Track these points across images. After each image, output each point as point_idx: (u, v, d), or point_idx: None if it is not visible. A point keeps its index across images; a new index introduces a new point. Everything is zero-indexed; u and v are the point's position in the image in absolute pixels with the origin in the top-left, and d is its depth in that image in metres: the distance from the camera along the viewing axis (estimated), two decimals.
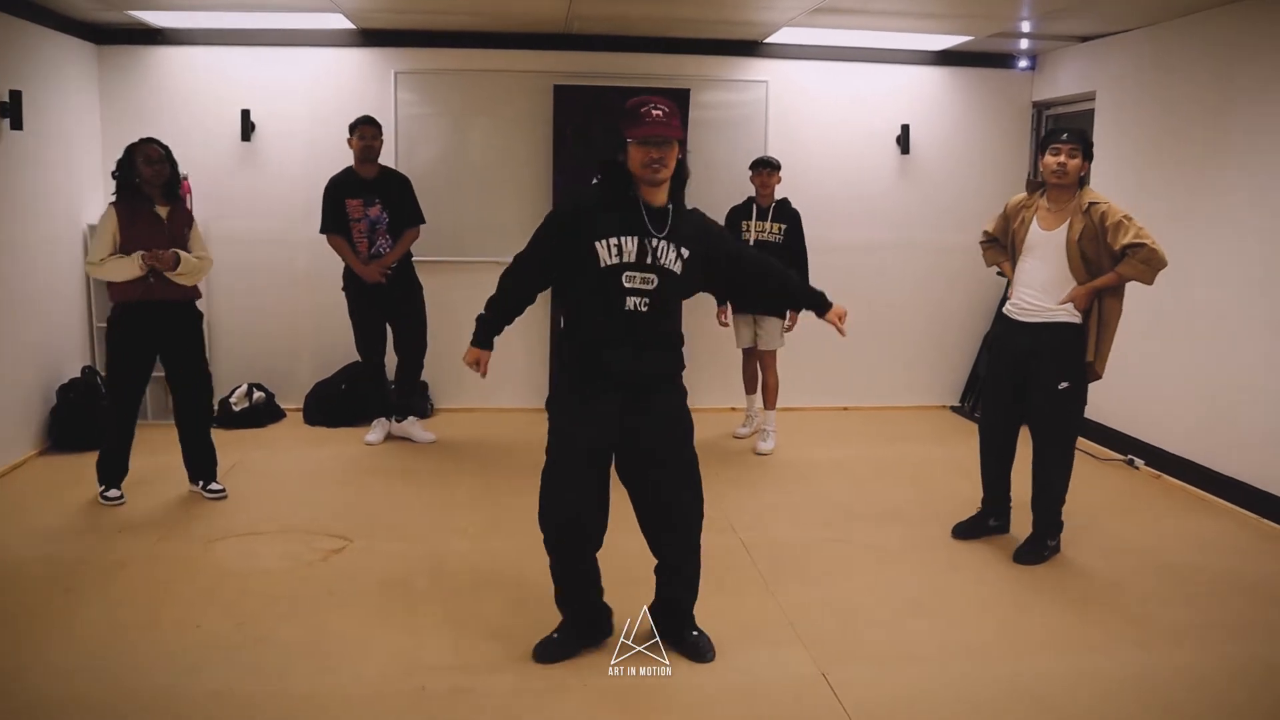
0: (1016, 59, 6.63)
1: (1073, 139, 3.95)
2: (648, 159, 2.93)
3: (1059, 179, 3.96)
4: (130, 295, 4.44)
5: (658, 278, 3.02)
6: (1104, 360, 4.02)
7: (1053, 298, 3.99)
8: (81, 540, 4.22)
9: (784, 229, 5.59)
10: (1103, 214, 3.89)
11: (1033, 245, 4.05)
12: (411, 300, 5.71)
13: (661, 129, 2.91)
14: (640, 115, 2.93)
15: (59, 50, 5.64)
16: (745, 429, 5.99)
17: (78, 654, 3.23)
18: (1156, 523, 4.69)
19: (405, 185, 5.67)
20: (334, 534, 4.32)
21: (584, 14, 5.66)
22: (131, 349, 4.51)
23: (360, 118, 5.52)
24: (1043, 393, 4.05)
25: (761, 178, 5.56)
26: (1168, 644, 3.44)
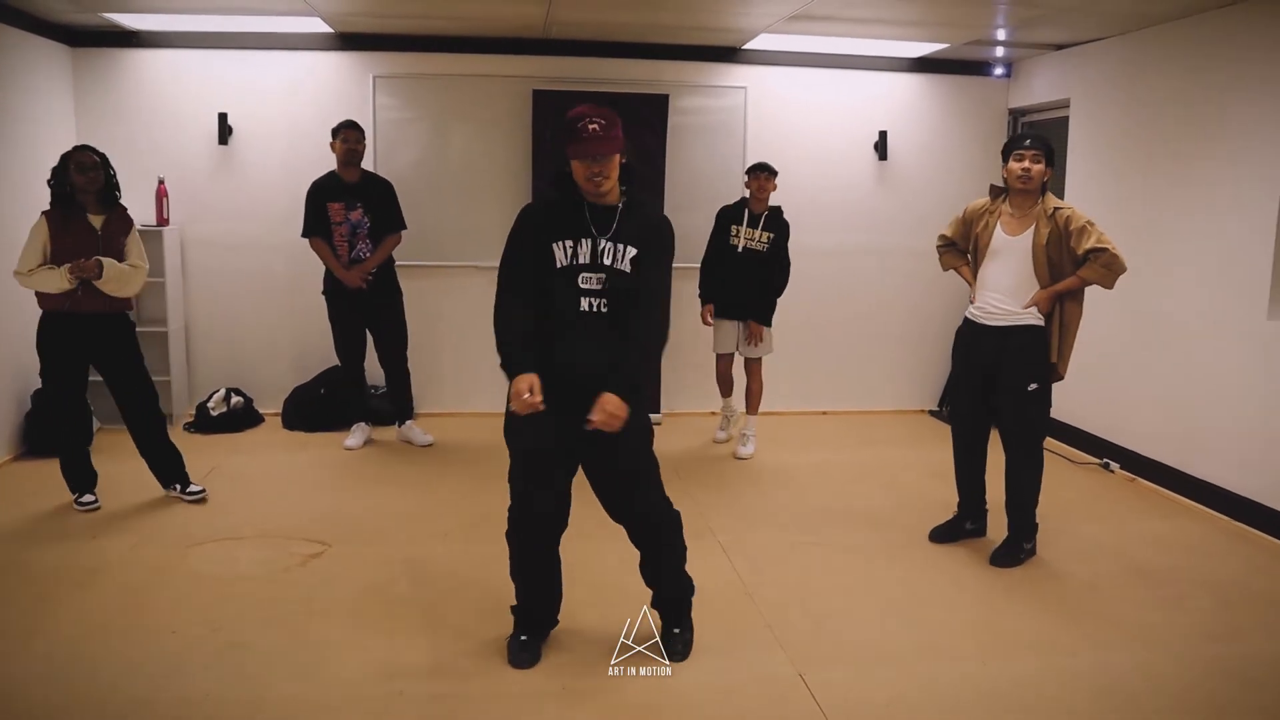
0: (992, 66, 6.69)
1: (1036, 145, 4.01)
2: (589, 173, 2.97)
3: (1024, 184, 4.01)
4: (55, 305, 4.38)
5: (609, 279, 3.05)
6: (1066, 361, 4.10)
7: (1018, 301, 4.05)
8: (56, 546, 4.19)
9: (772, 239, 5.55)
10: (1067, 219, 3.96)
11: (997, 250, 4.10)
12: (392, 306, 5.71)
13: (598, 145, 2.94)
14: (578, 130, 2.94)
15: (32, 52, 5.60)
16: (724, 433, 5.98)
17: (50, 661, 3.20)
18: (1130, 525, 4.74)
19: (388, 190, 5.66)
20: (312, 539, 4.30)
21: (563, 19, 5.67)
22: (59, 359, 4.45)
23: (343, 121, 5.52)
24: (1010, 395, 4.10)
25: (759, 182, 5.51)
26: (1138, 645, 3.48)
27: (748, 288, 5.57)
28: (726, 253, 5.56)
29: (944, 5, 5.22)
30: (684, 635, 3.36)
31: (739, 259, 5.54)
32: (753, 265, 5.54)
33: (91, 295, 4.39)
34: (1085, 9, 5.03)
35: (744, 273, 5.54)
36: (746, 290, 5.57)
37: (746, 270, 5.54)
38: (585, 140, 2.93)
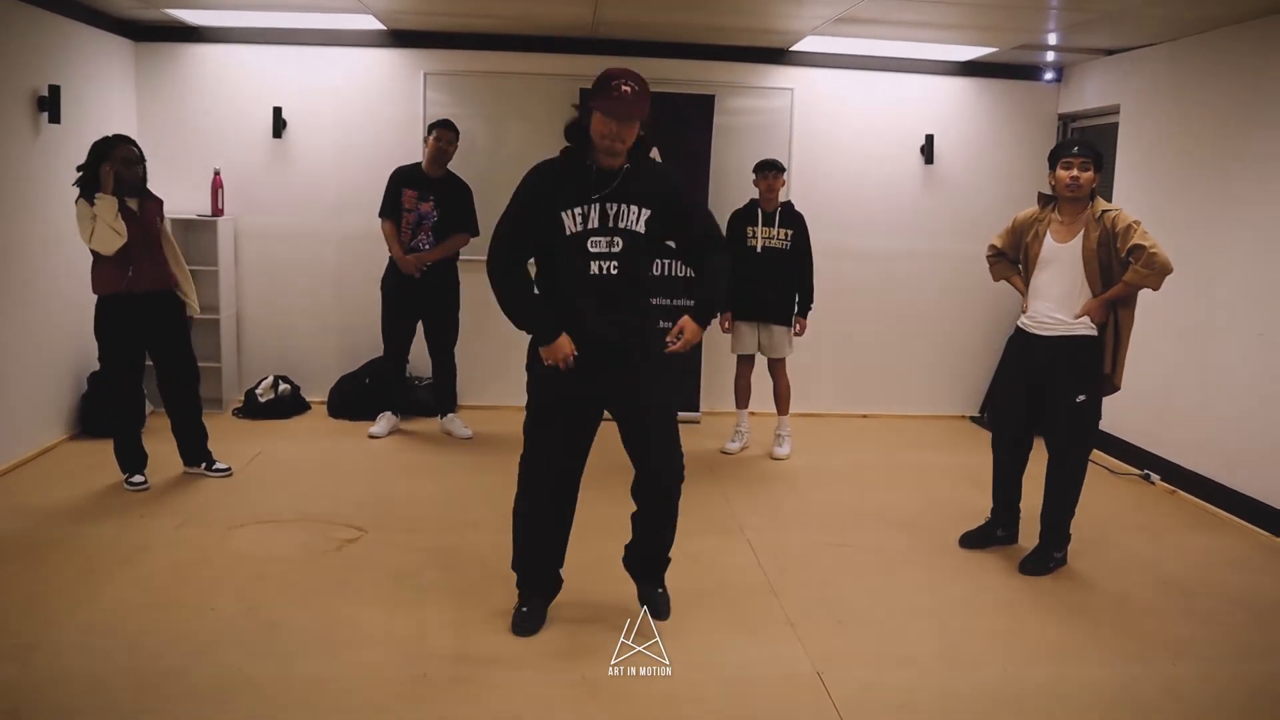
0: (1042, 71, 6.63)
1: (1084, 152, 3.96)
2: (608, 130, 3.01)
3: (1073, 192, 3.97)
4: (112, 288, 4.55)
5: (623, 240, 3.12)
6: (1121, 372, 4.04)
7: (1069, 311, 4.01)
8: (105, 523, 4.34)
9: (791, 235, 5.55)
10: (1114, 219, 3.92)
11: (1048, 259, 4.06)
12: (447, 301, 5.81)
13: (626, 106, 2.97)
14: (610, 89, 2.98)
15: (97, 46, 5.80)
16: (735, 444, 5.85)
17: (93, 633, 3.33)
18: (1167, 538, 4.68)
19: (464, 192, 5.78)
20: (350, 524, 4.41)
21: (610, 19, 5.74)
22: (118, 341, 4.63)
23: (439, 120, 5.66)
24: (1061, 406, 4.05)
25: (767, 181, 5.50)
26: (1163, 658, 3.44)
27: (770, 288, 5.57)
28: (744, 255, 5.53)
29: (992, 10, 5.19)
30: (666, 594, 3.45)
31: (759, 260, 5.53)
32: (775, 264, 5.54)
33: (144, 275, 4.57)
34: (1136, 14, 4.98)
35: (766, 273, 5.54)
36: (769, 291, 5.57)
37: (769, 270, 5.53)
38: (615, 99, 2.98)
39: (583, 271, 3.12)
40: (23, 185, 5.08)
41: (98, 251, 4.48)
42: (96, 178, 4.47)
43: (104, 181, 4.45)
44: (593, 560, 3.77)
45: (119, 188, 4.50)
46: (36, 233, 5.20)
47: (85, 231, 4.46)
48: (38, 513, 4.45)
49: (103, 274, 4.55)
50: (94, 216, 4.43)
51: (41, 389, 5.32)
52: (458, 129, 5.70)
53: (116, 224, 4.44)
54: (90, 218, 4.44)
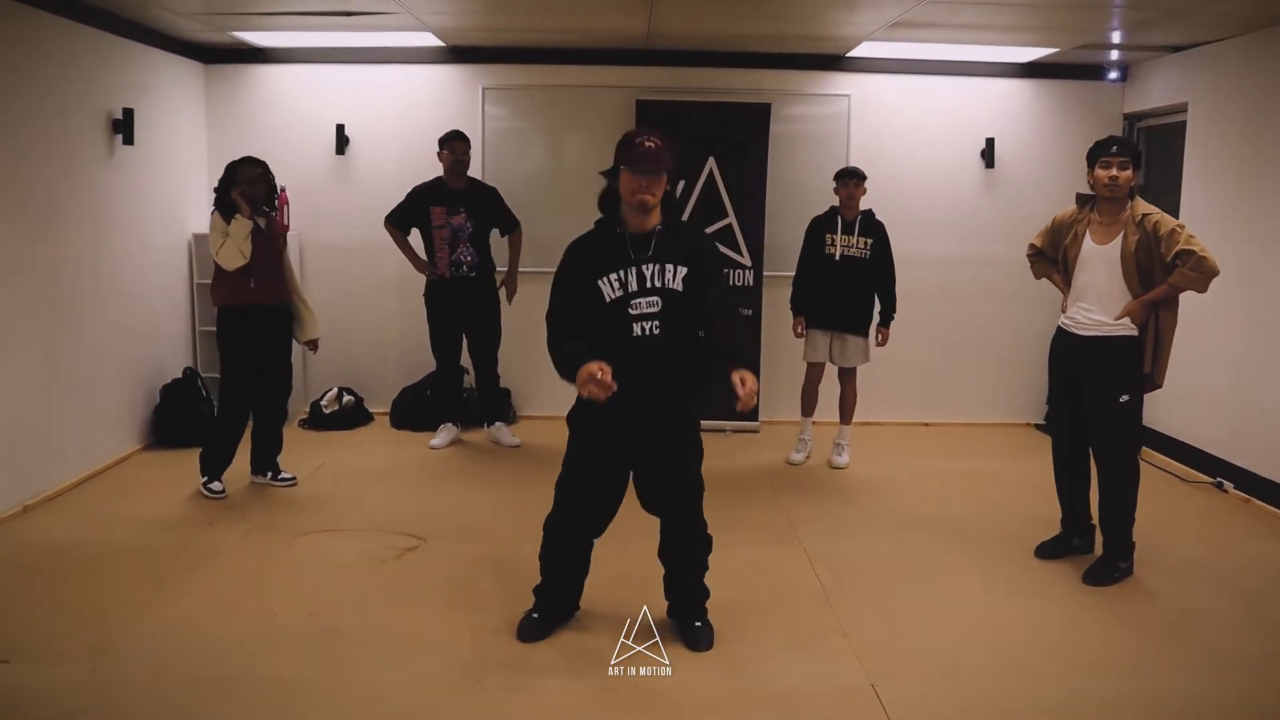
0: (1106, 70, 6.49)
1: (1123, 151, 3.91)
2: (637, 185, 3.11)
3: (1112, 192, 3.92)
4: (234, 299, 4.77)
5: (662, 300, 3.18)
6: (1163, 371, 3.98)
7: (1109, 312, 3.96)
8: (175, 531, 4.47)
9: (871, 244, 5.49)
10: (1155, 224, 3.85)
11: (1087, 259, 4.01)
12: (488, 310, 5.89)
13: (651, 159, 3.10)
14: (634, 145, 3.12)
15: (169, 69, 6.00)
16: (800, 454, 5.79)
17: (158, 637, 3.44)
18: (1239, 548, 4.54)
19: (493, 196, 5.87)
20: (410, 533, 4.48)
21: (665, 30, 5.76)
22: (241, 350, 4.83)
23: (450, 133, 5.74)
24: (1100, 406, 4.01)
25: (848, 189, 5.45)
26: (1231, 672, 3.34)
27: (848, 296, 5.53)
28: (823, 263, 5.51)
29: (1051, 10, 5.10)
30: (705, 627, 3.46)
31: (838, 267, 5.50)
32: (853, 273, 5.49)
33: (264, 289, 4.80)
34: (1202, 9, 4.85)
35: (843, 281, 5.49)
36: (846, 299, 5.53)
37: (846, 278, 5.49)
38: (639, 154, 3.10)
39: (626, 334, 3.18)
40: (98, 204, 5.27)
41: (220, 265, 4.72)
42: (228, 196, 4.73)
43: (239, 205, 4.70)
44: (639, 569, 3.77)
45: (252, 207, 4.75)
46: (112, 249, 5.39)
47: (215, 245, 4.71)
48: (111, 521, 4.59)
49: (226, 285, 4.78)
50: (225, 233, 4.67)
51: (116, 401, 5.50)
52: (468, 138, 5.78)
53: (244, 245, 4.68)
54: (222, 233, 4.69)
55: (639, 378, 3.16)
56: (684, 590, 3.48)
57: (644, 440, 3.30)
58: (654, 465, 3.35)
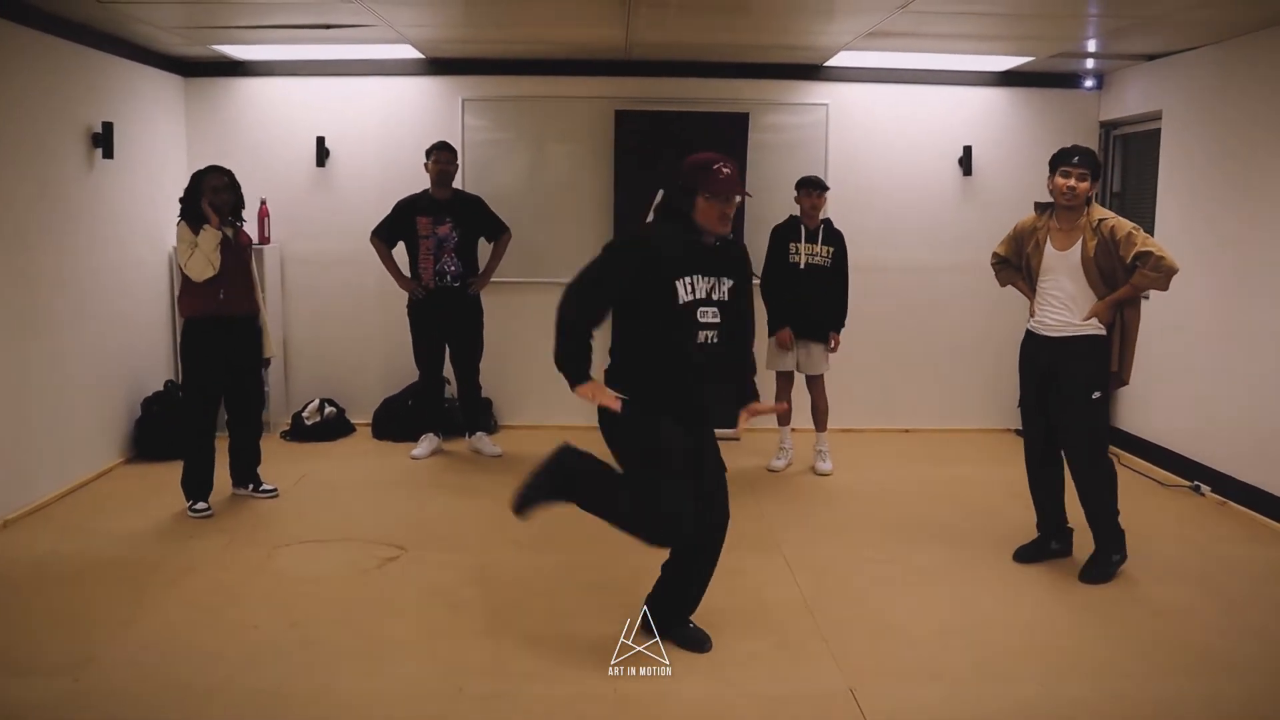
0: (1082, 78, 6.55)
1: (1083, 163, 4.01)
2: (723, 214, 3.19)
3: (1069, 201, 4.03)
4: (202, 310, 4.71)
5: (720, 312, 3.25)
6: (1129, 367, 4.09)
7: (1075, 314, 4.06)
8: (155, 544, 4.46)
9: (832, 252, 5.55)
10: (1111, 229, 3.97)
11: (1050, 265, 4.12)
12: (471, 321, 5.91)
13: (733, 185, 3.17)
14: (714, 173, 3.16)
15: (148, 83, 6.00)
16: (781, 461, 5.82)
17: (141, 649, 3.43)
18: (1216, 550, 4.58)
19: (479, 204, 5.91)
20: (391, 543, 4.48)
21: (644, 40, 5.80)
22: (206, 364, 4.77)
23: (436, 143, 5.76)
24: (1069, 404, 4.09)
25: (811, 199, 5.50)
26: (1208, 673, 3.37)
27: (812, 304, 5.57)
28: (788, 271, 5.55)
29: (1026, 19, 5.17)
30: (699, 627, 3.50)
31: (802, 276, 5.54)
32: (817, 281, 5.54)
33: (233, 299, 4.76)
34: (1176, 18, 4.90)
35: (808, 289, 5.54)
36: (810, 306, 5.58)
37: (811, 287, 5.54)
38: (722, 181, 3.16)
39: (690, 341, 3.21)
40: (78, 218, 5.26)
41: (188, 276, 4.68)
42: (197, 207, 4.69)
43: (208, 215, 4.67)
44: (622, 576, 3.79)
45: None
46: (91, 263, 5.38)
47: (183, 255, 4.68)
48: (92, 534, 4.58)
49: (194, 297, 4.73)
50: (194, 244, 4.64)
51: (97, 414, 5.48)
52: (454, 148, 5.81)
53: (214, 256, 4.65)
54: (190, 244, 4.65)
55: (702, 387, 3.26)
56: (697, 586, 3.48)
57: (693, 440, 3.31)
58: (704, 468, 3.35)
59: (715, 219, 3.19)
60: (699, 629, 3.50)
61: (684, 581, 3.45)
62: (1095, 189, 4.06)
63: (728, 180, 3.17)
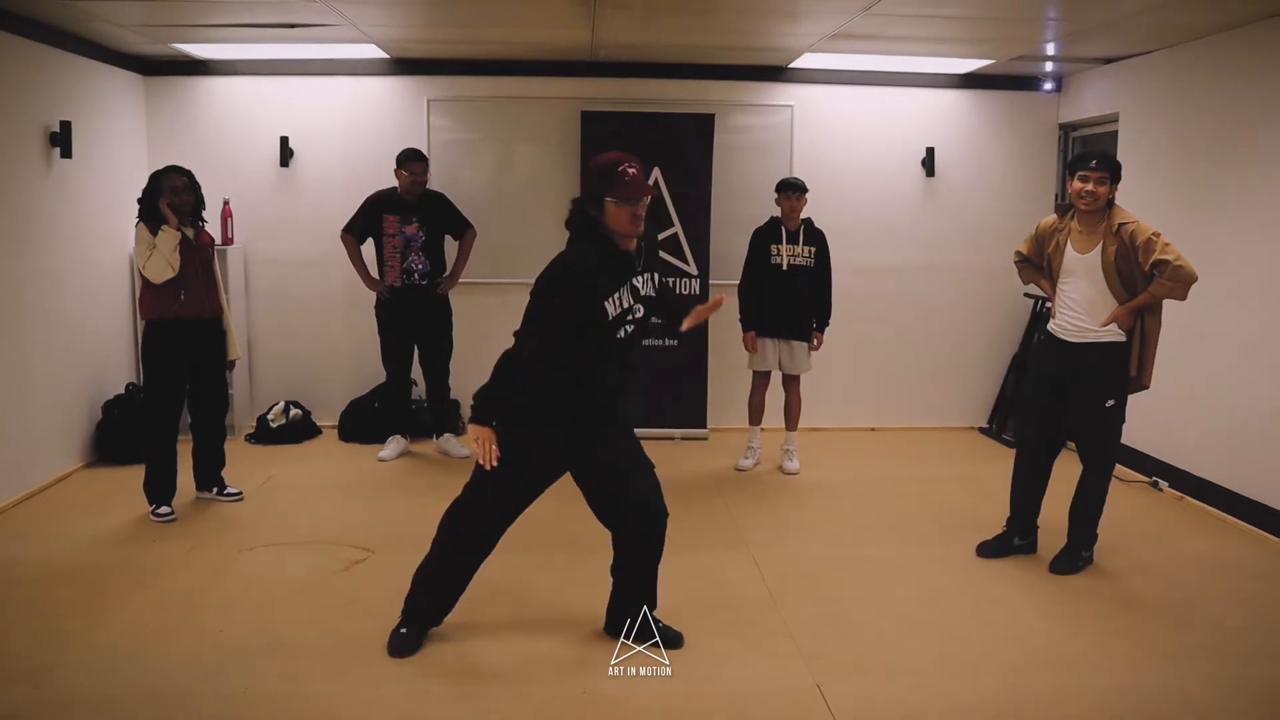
0: (1042, 81, 6.65)
1: (1101, 166, 3.99)
2: (634, 216, 3.14)
3: (1087, 205, 4.02)
4: (162, 313, 4.65)
5: (643, 307, 3.28)
6: (1149, 372, 4.11)
7: (1095, 318, 4.07)
8: (119, 549, 4.42)
9: (814, 251, 5.58)
10: (1132, 234, 3.96)
11: (1070, 268, 4.13)
12: (440, 323, 5.90)
13: (642, 187, 3.15)
14: (620, 174, 3.11)
15: (108, 82, 5.92)
16: (748, 460, 5.85)
17: (105, 655, 3.40)
18: (1175, 545, 4.67)
19: (443, 202, 5.89)
20: (358, 545, 4.46)
21: (610, 42, 5.81)
22: (166, 367, 4.72)
23: (409, 153, 5.71)
24: (1087, 410, 4.13)
25: (790, 201, 5.52)
26: (1169, 665, 3.45)
27: (795, 305, 5.60)
28: (770, 273, 5.58)
29: (986, 22, 5.23)
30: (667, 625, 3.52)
31: (784, 276, 5.57)
32: (799, 281, 5.57)
33: (194, 302, 4.69)
34: (1132, 22, 5.00)
35: (791, 290, 5.57)
36: (793, 307, 5.61)
37: (793, 287, 5.57)
38: (629, 183, 3.11)
39: (612, 342, 3.22)
40: (36, 218, 5.19)
41: (147, 278, 4.61)
42: (155, 208, 4.61)
43: (166, 216, 4.59)
44: (588, 576, 3.80)
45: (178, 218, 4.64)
46: (50, 264, 5.31)
47: (141, 257, 4.61)
48: (53, 539, 4.52)
49: (154, 299, 4.65)
50: (153, 245, 4.56)
51: (58, 417, 5.41)
52: (427, 158, 5.81)
53: (172, 257, 4.58)
54: (149, 245, 4.58)
55: (616, 380, 3.28)
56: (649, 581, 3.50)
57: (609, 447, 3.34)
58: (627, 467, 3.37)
59: (626, 222, 3.13)
60: (669, 627, 3.51)
61: (634, 576, 3.48)
62: (1115, 191, 4.04)
63: (635, 181, 3.12)
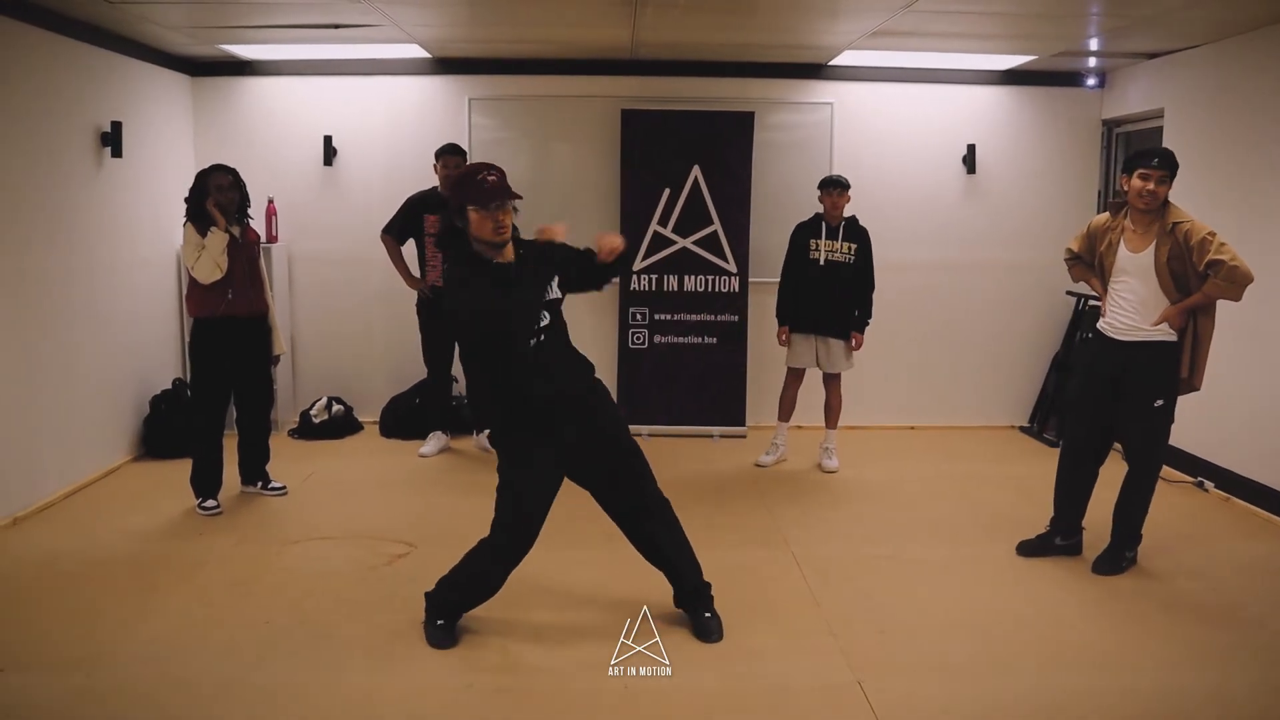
0: (1085, 77, 6.58)
1: (1163, 165, 3.92)
2: (497, 223, 3.16)
3: (1146, 204, 3.95)
4: (210, 311, 4.72)
5: (549, 312, 3.30)
6: (1201, 373, 4.05)
7: (1147, 318, 4.02)
8: (166, 541, 4.50)
9: (855, 249, 5.56)
10: (1186, 233, 3.90)
11: (1123, 267, 4.07)
12: None
13: (500, 192, 3.14)
14: (479, 182, 3.13)
15: (156, 83, 6.04)
16: (769, 457, 5.84)
17: (151, 645, 3.47)
18: (1219, 546, 4.61)
19: None
20: (400, 540, 4.51)
21: (649, 40, 5.83)
22: (215, 363, 4.79)
23: (446, 146, 5.77)
24: (1136, 410, 4.08)
25: (832, 198, 5.51)
26: (1208, 667, 3.40)
27: (832, 301, 5.58)
28: (807, 268, 5.57)
29: (1028, 19, 5.19)
30: (716, 618, 3.55)
31: (822, 272, 5.56)
32: (838, 277, 5.56)
33: (242, 300, 4.76)
34: (1176, 16, 4.93)
35: (828, 286, 5.56)
36: (830, 303, 5.59)
37: (831, 283, 5.55)
38: (488, 190, 3.12)
39: (525, 349, 3.26)
40: (87, 216, 5.30)
41: (195, 278, 4.68)
42: (202, 207, 4.68)
43: (214, 217, 4.66)
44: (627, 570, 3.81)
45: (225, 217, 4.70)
46: (100, 261, 5.42)
47: (190, 258, 4.67)
48: (101, 531, 4.61)
49: (202, 297, 4.72)
50: (201, 246, 4.63)
51: (106, 412, 5.52)
52: (464, 151, 5.85)
53: (221, 259, 4.64)
54: (198, 246, 4.64)
55: (547, 383, 3.29)
56: (686, 564, 3.56)
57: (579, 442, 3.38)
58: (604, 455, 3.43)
59: (490, 231, 3.15)
60: (712, 619, 3.54)
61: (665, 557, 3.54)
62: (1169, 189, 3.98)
63: (494, 188, 3.12)
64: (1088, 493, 4.33)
